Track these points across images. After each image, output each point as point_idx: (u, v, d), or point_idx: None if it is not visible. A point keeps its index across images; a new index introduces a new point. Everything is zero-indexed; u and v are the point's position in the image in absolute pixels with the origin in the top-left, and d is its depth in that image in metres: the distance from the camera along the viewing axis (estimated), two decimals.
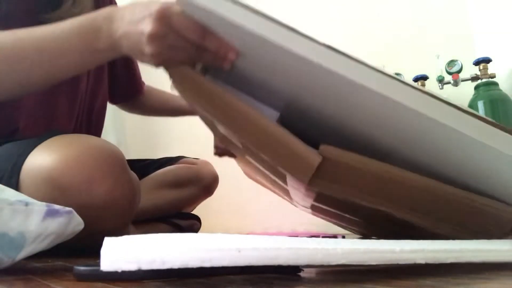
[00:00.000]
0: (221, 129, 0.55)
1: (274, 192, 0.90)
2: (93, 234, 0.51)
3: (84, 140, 0.65)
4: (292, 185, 0.57)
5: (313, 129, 0.58)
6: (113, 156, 0.64)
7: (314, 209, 0.75)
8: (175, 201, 1.00)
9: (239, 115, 0.49)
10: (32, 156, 0.63)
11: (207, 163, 1.10)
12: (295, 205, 0.87)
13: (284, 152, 0.48)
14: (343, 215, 0.68)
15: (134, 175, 0.68)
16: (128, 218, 0.69)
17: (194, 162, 1.07)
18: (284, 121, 0.59)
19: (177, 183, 1.00)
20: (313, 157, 0.46)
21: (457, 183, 0.50)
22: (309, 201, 0.63)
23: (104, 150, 0.64)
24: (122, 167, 0.65)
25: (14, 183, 0.62)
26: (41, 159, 0.62)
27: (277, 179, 0.62)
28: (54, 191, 0.60)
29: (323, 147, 0.47)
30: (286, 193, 0.71)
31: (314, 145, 0.48)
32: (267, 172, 0.63)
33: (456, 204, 0.49)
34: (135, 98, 1.12)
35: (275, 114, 0.59)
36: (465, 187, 0.50)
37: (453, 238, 0.49)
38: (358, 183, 0.48)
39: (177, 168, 1.03)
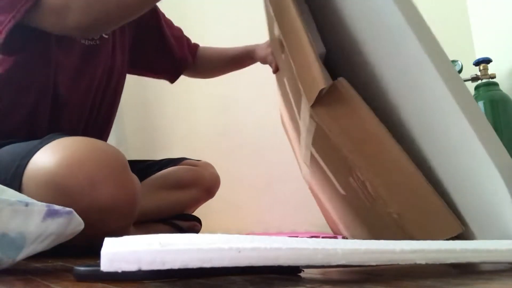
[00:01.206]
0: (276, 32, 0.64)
1: (291, 140, 0.94)
2: (95, 237, 0.51)
3: (86, 143, 0.65)
4: (302, 116, 0.61)
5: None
6: (115, 160, 0.64)
7: (312, 165, 0.77)
8: (177, 203, 0.99)
9: (292, 23, 0.57)
10: (35, 158, 0.63)
11: (208, 165, 1.09)
12: (300, 167, 0.89)
13: (305, 65, 0.53)
14: (330, 179, 0.71)
15: (135, 177, 0.69)
16: (130, 221, 0.69)
17: (195, 163, 1.07)
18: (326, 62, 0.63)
19: (179, 184, 1.00)
20: (324, 79, 0.50)
21: (432, 178, 0.51)
22: (309, 146, 0.67)
23: (107, 153, 0.64)
24: (125, 170, 0.65)
25: (16, 185, 0.62)
26: (44, 162, 0.62)
27: (295, 108, 0.68)
28: (57, 194, 0.60)
29: (340, 78, 0.51)
30: (298, 134, 0.76)
31: None
32: (290, 96, 0.69)
33: (415, 188, 0.51)
34: (186, 70, 1.10)
35: (322, 48, 0.63)
36: (436, 185, 0.51)
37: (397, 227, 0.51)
38: (349, 127, 0.52)
39: (179, 169, 1.02)
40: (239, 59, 1.07)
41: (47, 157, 0.62)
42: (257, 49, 1.00)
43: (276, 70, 0.90)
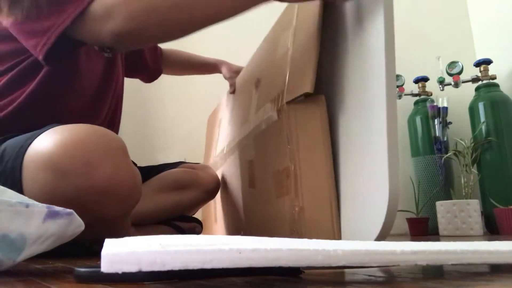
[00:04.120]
0: None
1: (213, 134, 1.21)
2: (93, 224, 0.51)
3: (86, 127, 0.66)
4: (261, 112, 0.77)
5: None
6: (113, 142, 0.65)
7: (229, 158, 0.96)
8: (176, 204, 0.99)
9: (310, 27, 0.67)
10: (36, 141, 0.64)
11: (207, 167, 1.09)
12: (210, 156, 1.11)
13: (304, 67, 0.64)
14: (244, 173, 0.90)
15: (134, 166, 0.69)
16: (129, 206, 0.68)
17: (193, 166, 1.07)
18: None
19: (178, 186, 1.00)
20: (310, 85, 0.62)
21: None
22: (243, 139, 0.87)
23: (105, 136, 0.65)
24: (123, 152, 0.65)
25: (18, 165, 0.64)
26: (43, 143, 0.63)
27: (253, 105, 0.87)
28: (54, 175, 0.61)
29: (321, 96, 0.64)
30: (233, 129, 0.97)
31: None
32: (253, 96, 0.85)
33: (323, 189, 0.63)
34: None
35: None
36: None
37: None
38: (308, 135, 0.63)
39: (178, 171, 1.02)
40: (204, 69, 1.20)
41: (47, 139, 0.64)
42: (226, 66, 1.14)
43: (233, 92, 1.09)
